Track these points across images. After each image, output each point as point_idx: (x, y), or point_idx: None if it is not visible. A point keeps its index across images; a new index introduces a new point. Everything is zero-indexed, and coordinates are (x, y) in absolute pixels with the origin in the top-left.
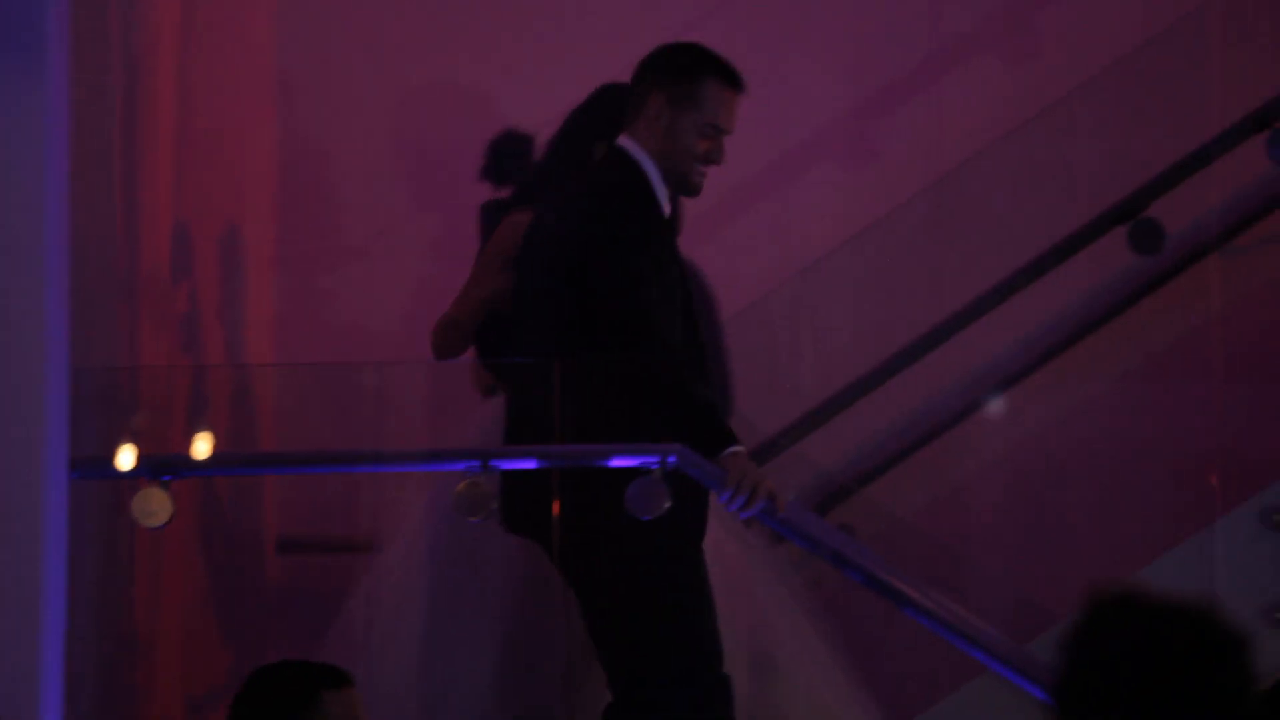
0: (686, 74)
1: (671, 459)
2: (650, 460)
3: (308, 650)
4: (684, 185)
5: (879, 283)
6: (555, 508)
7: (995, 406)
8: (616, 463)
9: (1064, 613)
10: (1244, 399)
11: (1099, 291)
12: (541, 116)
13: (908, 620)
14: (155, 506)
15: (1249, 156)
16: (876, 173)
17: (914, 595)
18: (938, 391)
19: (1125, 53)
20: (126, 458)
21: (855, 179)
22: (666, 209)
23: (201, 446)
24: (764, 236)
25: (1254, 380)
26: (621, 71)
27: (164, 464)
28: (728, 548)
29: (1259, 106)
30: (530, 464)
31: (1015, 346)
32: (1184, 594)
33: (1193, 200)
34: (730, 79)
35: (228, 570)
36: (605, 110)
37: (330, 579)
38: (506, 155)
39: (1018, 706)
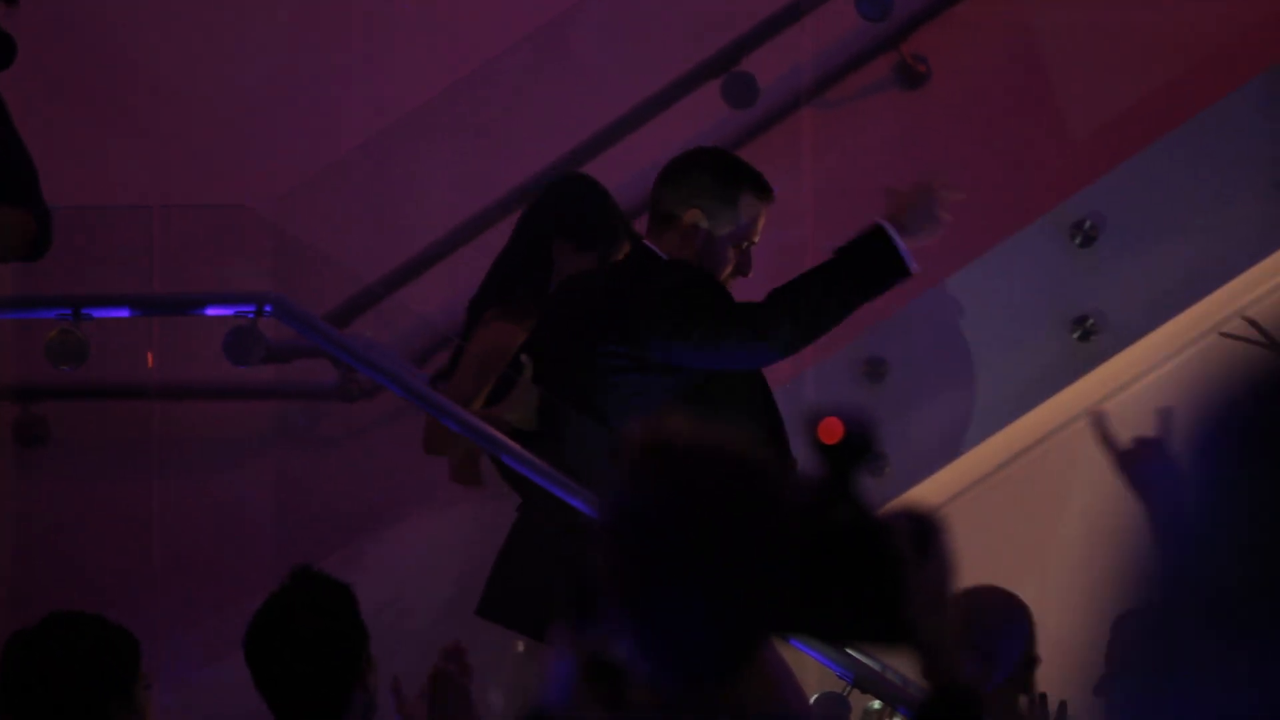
0: (724, 190)
1: (268, 308)
2: (246, 309)
3: None
4: None
5: (480, 131)
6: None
7: None
8: (212, 311)
9: None
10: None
11: (696, 143)
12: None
13: None
14: None
15: (839, 10)
16: (477, 21)
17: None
18: None
19: None
20: None
21: (450, 27)
22: None
23: None
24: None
25: (844, 230)
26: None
27: None
28: None
29: None
30: (124, 312)
31: (617, 190)
32: (724, 432)
33: (785, 53)
34: (765, 192)
35: None
36: (559, 208)
37: None
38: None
39: None
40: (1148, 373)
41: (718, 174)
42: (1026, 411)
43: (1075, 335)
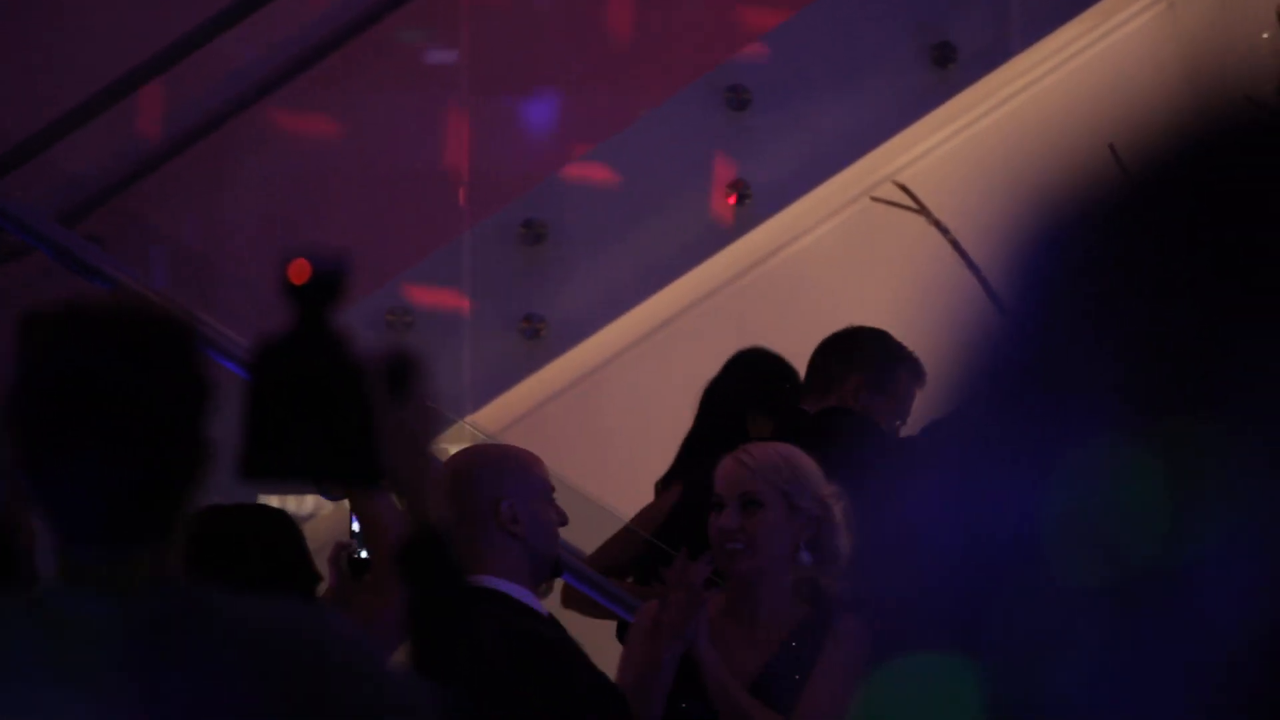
0: (886, 365)
1: None
2: None
3: None
4: None
5: None
6: None
7: (257, 117)
8: None
9: None
10: (491, 118)
11: (344, 6)
12: None
13: None
14: None
15: None
16: None
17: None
18: (195, 96)
19: None
20: None
21: None
22: None
23: None
24: None
25: (501, 102)
26: None
27: None
28: None
29: None
30: None
31: (265, 52)
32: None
33: None
34: (921, 375)
35: None
36: (749, 378)
37: None
38: None
39: None
40: (803, 235)
41: (880, 349)
42: (685, 273)
43: (729, 199)
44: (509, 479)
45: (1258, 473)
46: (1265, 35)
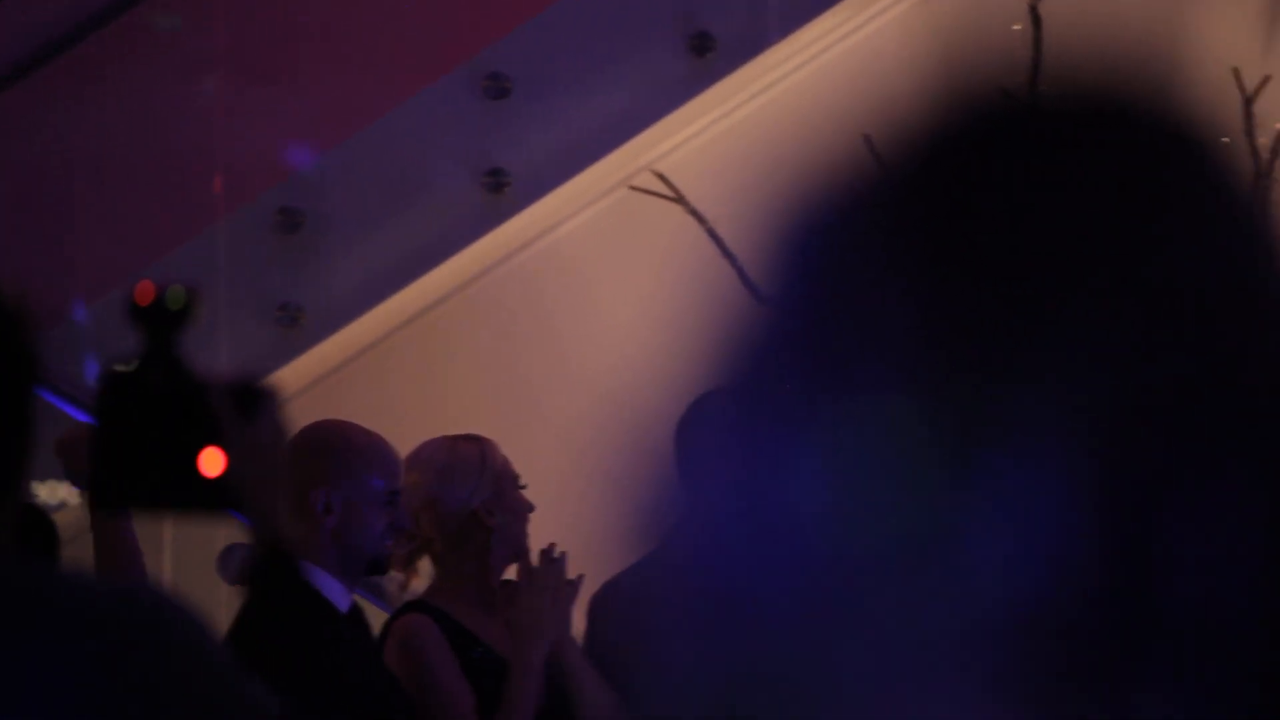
0: None
1: None
2: None
3: None
4: None
5: None
6: None
7: (7, 103)
8: None
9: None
10: (247, 105)
11: None
12: None
13: None
14: None
15: None
16: None
17: None
18: None
19: None
20: None
21: None
22: None
23: None
24: None
25: (257, 89)
26: None
27: None
28: None
29: None
30: None
31: (13, 37)
32: None
33: None
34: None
35: None
36: None
37: None
38: None
39: None
40: (562, 223)
41: None
42: (443, 261)
43: (488, 188)
44: (334, 468)
45: (1022, 447)
46: (1017, 27)
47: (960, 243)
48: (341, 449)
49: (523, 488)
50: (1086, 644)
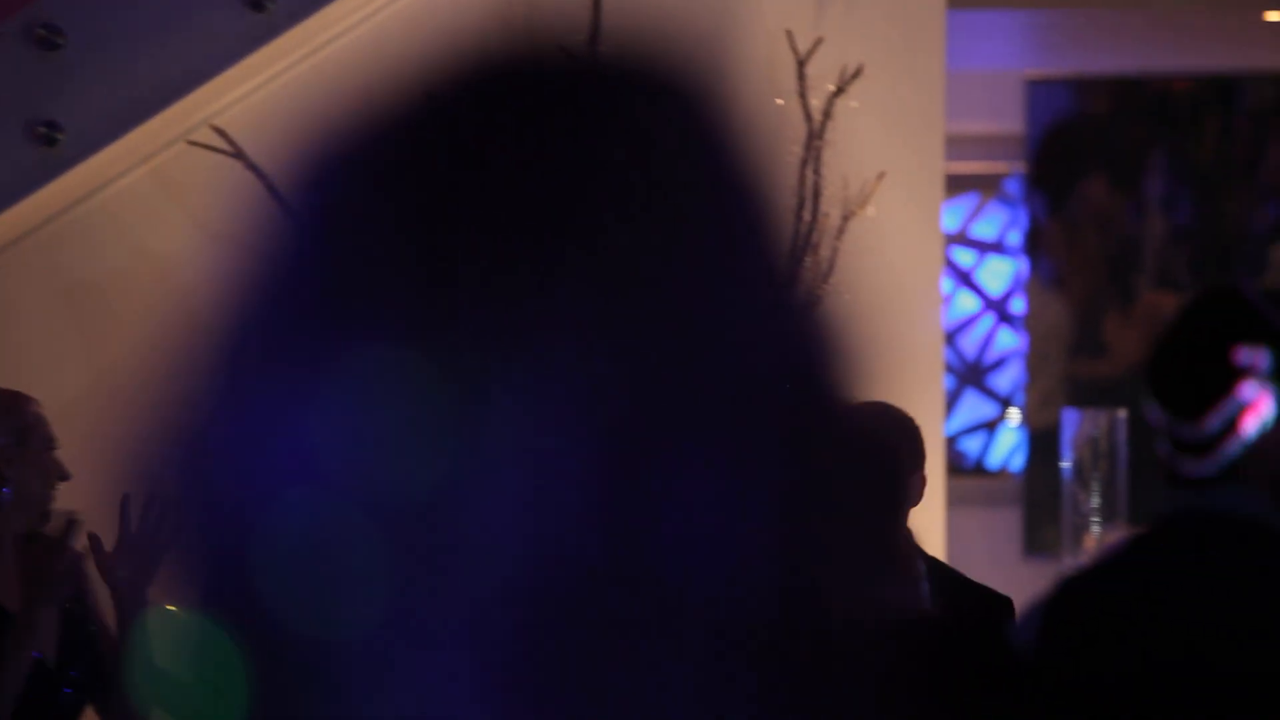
0: None
1: None
2: None
3: None
4: None
5: None
6: None
7: None
8: None
9: None
10: None
11: None
12: None
13: None
14: None
15: None
16: None
17: None
18: None
19: None
20: None
21: None
22: None
23: None
24: None
25: None
26: None
27: None
28: None
29: None
30: None
31: None
32: None
33: None
34: None
35: None
36: None
37: None
38: None
39: None
40: (118, 178)
41: None
42: None
43: (39, 142)
44: None
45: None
46: None
47: (475, 197)
48: None
49: (54, 450)
50: (585, 618)
